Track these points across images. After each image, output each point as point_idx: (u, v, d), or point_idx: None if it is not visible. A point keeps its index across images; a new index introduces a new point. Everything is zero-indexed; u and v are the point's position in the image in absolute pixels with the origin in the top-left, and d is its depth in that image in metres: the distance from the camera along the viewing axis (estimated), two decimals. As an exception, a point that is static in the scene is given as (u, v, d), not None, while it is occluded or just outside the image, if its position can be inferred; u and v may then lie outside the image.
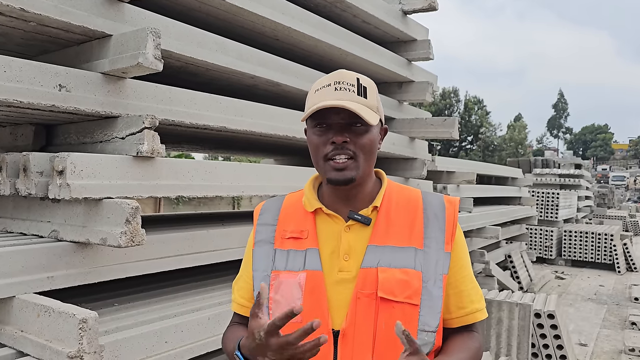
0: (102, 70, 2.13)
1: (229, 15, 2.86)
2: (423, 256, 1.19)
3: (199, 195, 2.34)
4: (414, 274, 1.17)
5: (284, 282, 1.19)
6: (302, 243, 1.23)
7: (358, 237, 1.21)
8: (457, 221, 1.27)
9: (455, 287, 1.24)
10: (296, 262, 1.21)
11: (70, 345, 1.62)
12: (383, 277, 1.16)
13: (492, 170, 9.19)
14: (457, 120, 4.33)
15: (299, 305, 1.02)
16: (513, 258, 8.89)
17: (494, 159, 45.49)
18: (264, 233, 1.29)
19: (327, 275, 1.19)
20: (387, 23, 4.04)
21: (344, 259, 1.19)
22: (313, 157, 1.23)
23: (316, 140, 1.20)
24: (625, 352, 5.55)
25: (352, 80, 1.21)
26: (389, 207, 1.25)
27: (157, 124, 2.10)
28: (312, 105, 1.19)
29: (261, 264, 1.25)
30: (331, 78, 1.22)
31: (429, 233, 1.22)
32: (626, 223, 17.88)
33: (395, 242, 1.20)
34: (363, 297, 1.15)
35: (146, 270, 2.25)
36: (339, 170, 1.18)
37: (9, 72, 1.83)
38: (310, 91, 1.25)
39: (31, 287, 1.85)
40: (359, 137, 1.19)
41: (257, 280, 1.25)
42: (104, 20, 2.14)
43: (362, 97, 1.19)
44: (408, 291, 1.15)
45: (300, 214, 1.28)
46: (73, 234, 2.01)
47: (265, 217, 1.32)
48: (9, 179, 2.09)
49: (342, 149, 1.17)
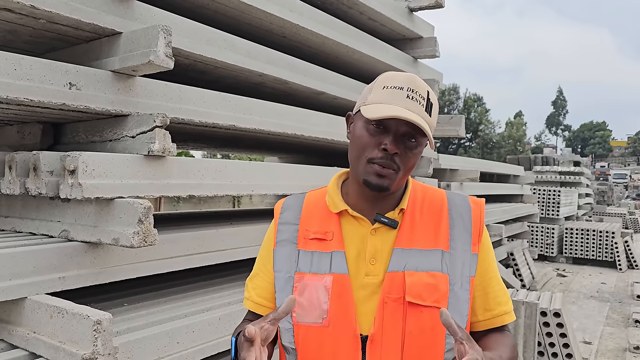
0: (112, 69, 2.10)
1: (237, 13, 2.84)
2: (449, 258, 1.17)
3: (209, 195, 2.32)
4: (441, 277, 1.15)
5: (309, 285, 1.17)
6: (327, 245, 1.19)
7: (384, 240, 1.19)
8: (483, 222, 1.24)
9: (482, 289, 1.22)
10: (322, 264, 1.18)
11: (85, 347, 1.60)
12: (410, 281, 1.13)
13: (495, 167, 9.17)
14: (464, 118, 4.31)
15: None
16: (515, 256, 8.88)
17: (492, 156, 45.50)
18: (286, 232, 1.25)
19: (354, 278, 1.16)
20: (394, 20, 4.01)
21: (371, 263, 1.17)
22: (355, 153, 1.17)
23: (367, 139, 1.15)
24: (630, 350, 5.54)
25: (424, 92, 1.16)
26: (414, 209, 1.23)
27: (168, 123, 2.08)
28: (379, 102, 1.14)
29: (284, 264, 1.22)
30: (405, 81, 1.16)
31: (454, 235, 1.20)
32: (626, 220, 17.91)
33: (421, 245, 1.18)
34: (390, 301, 1.13)
35: (156, 270, 2.23)
36: (380, 177, 1.14)
37: (19, 70, 1.81)
38: (376, 84, 1.19)
39: (43, 288, 1.83)
40: (408, 152, 1.15)
41: (280, 282, 1.21)
42: (114, 18, 2.12)
43: (428, 115, 1.15)
44: (436, 295, 1.13)
45: (324, 214, 1.24)
46: (84, 233, 1.99)
47: (286, 215, 1.27)
48: (18, 179, 2.07)
49: (390, 159, 1.13)
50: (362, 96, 1.22)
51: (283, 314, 1.02)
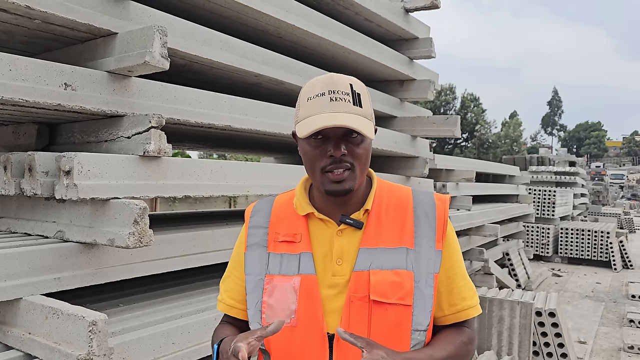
0: (108, 69, 2.10)
1: (233, 13, 2.84)
2: (414, 256, 1.20)
3: (205, 195, 2.32)
4: (405, 274, 1.17)
5: (278, 286, 1.19)
6: (296, 247, 1.22)
7: (350, 241, 1.21)
8: (447, 219, 1.26)
9: (447, 285, 1.24)
10: (290, 266, 1.20)
11: (80, 348, 1.60)
12: (375, 279, 1.16)
13: (491, 168, 9.20)
14: (459, 119, 4.32)
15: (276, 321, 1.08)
16: (511, 256, 8.90)
17: (488, 156, 45.55)
18: (256, 236, 1.27)
19: (321, 279, 1.19)
20: (390, 21, 4.02)
21: (337, 263, 1.19)
22: (308, 168, 1.21)
23: (312, 152, 1.17)
24: (624, 350, 5.57)
25: (346, 87, 1.17)
26: (379, 209, 1.25)
27: (163, 123, 2.08)
28: (308, 115, 1.15)
29: (255, 267, 1.24)
30: (324, 86, 1.17)
31: (419, 232, 1.22)
32: (621, 220, 17.96)
33: (386, 244, 1.20)
34: (356, 300, 1.16)
35: (152, 271, 2.23)
36: (337, 183, 1.16)
37: (14, 71, 1.81)
38: (301, 98, 1.20)
39: (38, 289, 1.83)
40: (355, 148, 1.16)
41: (250, 284, 1.24)
42: (110, 18, 2.12)
43: (357, 107, 1.16)
44: (400, 292, 1.16)
45: (292, 217, 1.26)
46: (79, 234, 1.99)
47: (256, 219, 1.30)
48: (13, 179, 2.06)
49: (340, 162, 1.15)
50: (295, 113, 1.23)
51: (271, 334, 1.07)
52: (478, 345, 4.45)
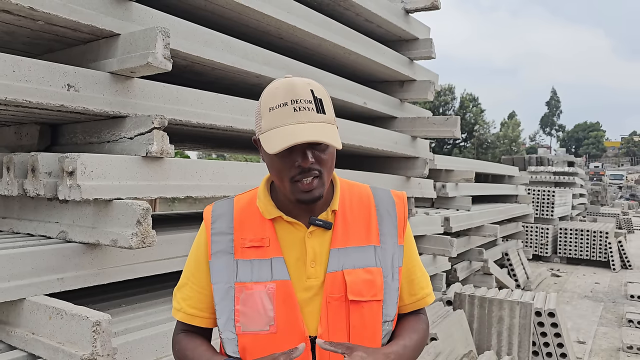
0: (110, 70, 2.11)
1: (234, 14, 2.84)
2: (381, 252, 1.25)
3: (207, 196, 2.33)
4: (376, 271, 1.22)
5: (251, 294, 1.17)
6: (265, 251, 1.20)
7: (321, 242, 1.22)
8: (407, 215, 1.32)
9: (407, 277, 1.30)
10: (262, 272, 1.19)
11: (84, 348, 1.61)
12: (350, 279, 1.19)
13: (490, 168, 9.21)
14: (459, 120, 4.33)
15: (300, 347, 1.12)
16: (510, 256, 8.91)
17: (487, 156, 45.60)
18: (221, 243, 1.23)
19: (296, 283, 1.19)
20: (390, 22, 4.03)
21: (311, 266, 1.20)
22: (276, 177, 1.19)
23: (279, 163, 1.15)
24: (623, 350, 5.58)
25: (308, 95, 1.15)
26: (344, 208, 1.26)
27: (166, 124, 2.09)
28: (272, 127, 1.13)
29: (222, 275, 1.21)
30: (285, 95, 1.14)
31: (383, 229, 1.27)
32: (619, 220, 17.98)
33: (355, 243, 1.23)
34: (333, 301, 1.18)
35: (155, 271, 2.24)
36: (308, 192, 1.15)
37: (18, 72, 1.82)
38: (262, 106, 1.18)
39: (41, 289, 1.83)
40: (321, 155, 1.16)
41: (219, 293, 1.20)
42: (112, 19, 2.13)
43: (321, 114, 1.15)
44: (373, 289, 1.21)
45: (257, 221, 1.24)
46: (82, 235, 1.99)
47: (219, 225, 1.25)
48: (16, 180, 2.07)
49: (308, 171, 1.14)
50: (256, 121, 1.21)
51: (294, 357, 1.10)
52: (478, 345, 4.46)
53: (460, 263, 6.91)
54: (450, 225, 5.55)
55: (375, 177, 3.88)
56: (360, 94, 3.83)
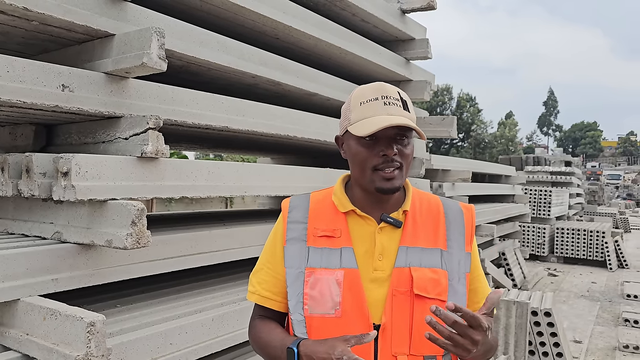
0: (105, 70, 2.11)
1: (230, 14, 2.84)
2: (447, 257, 1.31)
3: (202, 196, 2.33)
4: (441, 272, 1.28)
5: (320, 279, 1.26)
6: (336, 242, 1.29)
7: (390, 239, 1.30)
8: (474, 226, 1.40)
9: (472, 284, 1.36)
10: (332, 259, 1.27)
11: (78, 349, 1.61)
12: (417, 275, 1.25)
13: (487, 168, 9.22)
14: (455, 120, 4.34)
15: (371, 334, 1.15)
16: (507, 255, 8.93)
17: (484, 156, 45.64)
18: (295, 231, 1.33)
19: (363, 273, 1.26)
20: (386, 22, 4.03)
21: (379, 259, 1.27)
22: (358, 167, 1.28)
23: (365, 152, 1.26)
24: (619, 349, 5.60)
25: (395, 94, 1.27)
26: (415, 211, 1.35)
27: (161, 125, 2.08)
28: (363, 118, 1.24)
29: (294, 261, 1.30)
30: (376, 91, 1.26)
31: (450, 236, 1.34)
32: (616, 220, 18.03)
33: (423, 244, 1.30)
34: (399, 294, 1.25)
35: (150, 272, 2.23)
36: (389, 180, 1.25)
37: (12, 72, 1.81)
38: (352, 102, 1.29)
39: (35, 290, 1.83)
40: (404, 149, 1.26)
41: (291, 277, 1.30)
42: (107, 20, 2.12)
43: (407, 112, 1.26)
44: (438, 288, 1.26)
45: (331, 213, 1.33)
46: (77, 235, 1.99)
47: (295, 214, 1.36)
48: (11, 180, 2.07)
49: (392, 161, 1.24)
50: (344, 117, 1.33)
51: (362, 343, 1.15)
52: (474, 345, 4.46)
53: (457, 263, 6.90)
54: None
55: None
56: (356, 94, 3.82)
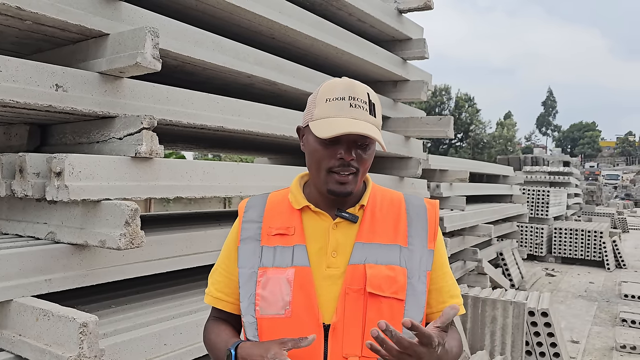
0: (99, 70, 2.10)
1: (225, 14, 2.83)
2: (407, 254, 1.25)
3: (197, 196, 2.32)
4: (399, 270, 1.23)
5: (271, 279, 1.22)
6: (289, 239, 1.25)
7: (345, 235, 1.25)
8: (438, 222, 1.33)
9: (436, 283, 1.30)
10: (284, 258, 1.23)
11: (71, 350, 1.60)
12: (371, 273, 1.20)
13: (484, 168, 9.23)
14: (452, 120, 4.33)
15: (310, 337, 1.11)
16: (504, 255, 8.93)
17: (483, 156, 45.64)
18: (250, 230, 1.30)
19: (315, 270, 1.22)
20: (383, 22, 4.03)
21: (332, 256, 1.23)
22: (314, 166, 1.24)
23: (322, 152, 1.21)
24: (617, 349, 5.60)
25: (364, 96, 1.22)
26: (374, 206, 1.30)
27: (155, 125, 2.08)
28: (325, 116, 1.19)
29: (247, 260, 1.27)
30: (345, 90, 1.21)
31: (412, 232, 1.28)
32: (614, 220, 18.04)
33: (381, 240, 1.25)
34: (352, 292, 1.20)
35: (144, 272, 2.23)
36: (342, 184, 1.21)
37: (5, 72, 1.80)
38: (318, 96, 1.24)
39: (28, 290, 1.82)
40: (363, 154, 1.22)
41: (243, 277, 1.26)
42: (101, 19, 2.12)
43: (372, 116, 1.21)
44: (394, 287, 1.21)
45: (286, 211, 1.30)
46: (70, 235, 1.98)
47: (250, 214, 1.32)
48: (4, 180, 2.06)
49: (348, 166, 1.20)
50: (308, 109, 1.27)
51: (301, 347, 1.11)
52: (471, 345, 4.46)
53: (454, 263, 6.92)
54: (444, 225, 5.56)
55: (369, 177, 3.87)
56: (353, 94, 3.81)
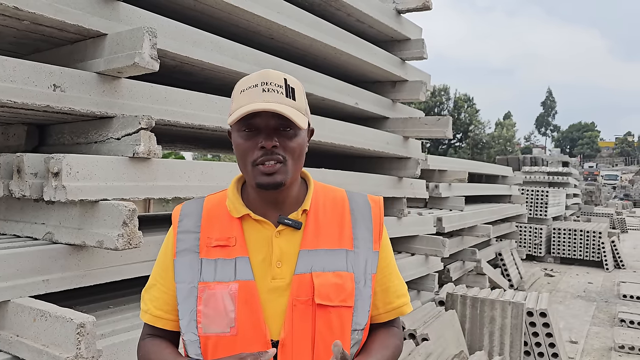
0: (97, 70, 2.10)
1: (224, 14, 2.83)
2: (354, 257, 1.20)
3: (195, 196, 2.32)
4: (347, 276, 1.17)
5: (214, 294, 1.13)
6: (230, 251, 1.16)
7: (289, 242, 1.18)
8: (383, 220, 1.28)
9: (382, 284, 1.25)
10: (226, 272, 1.15)
11: (68, 350, 1.60)
12: (318, 282, 1.14)
13: (483, 168, 9.23)
14: (451, 120, 4.33)
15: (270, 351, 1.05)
16: (503, 256, 8.93)
17: (482, 156, 45.65)
18: (186, 242, 1.20)
19: (260, 283, 1.14)
20: (381, 22, 4.03)
21: (277, 266, 1.15)
22: (240, 162, 1.17)
23: (243, 144, 1.14)
24: (615, 349, 5.60)
25: (280, 80, 1.15)
26: (317, 210, 1.23)
27: (153, 125, 2.08)
28: (239, 107, 1.13)
29: (186, 275, 1.17)
30: (258, 78, 1.15)
31: (357, 234, 1.22)
32: (613, 220, 18.04)
33: (326, 245, 1.19)
34: (299, 304, 1.13)
35: (142, 273, 2.23)
36: (269, 175, 1.12)
37: (2, 72, 1.80)
38: (234, 91, 1.19)
39: (26, 291, 1.82)
40: (288, 141, 1.14)
41: (182, 292, 1.17)
42: (99, 19, 2.11)
43: (291, 99, 1.15)
44: (343, 294, 1.15)
45: (225, 220, 1.20)
46: (68, 236, 1.98)
47: (185, 223, 1.22)
48: (2, 180, 2.06)
49: (271, 154, 1.12)
50: (229, 109, 1.21)
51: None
52: (469, 346, 4.46)
53: (453, 263, 6.92)
54: (443, 226, 5.56)
55: (367, 177, 3.88)
56: (351, 94, 3.83)
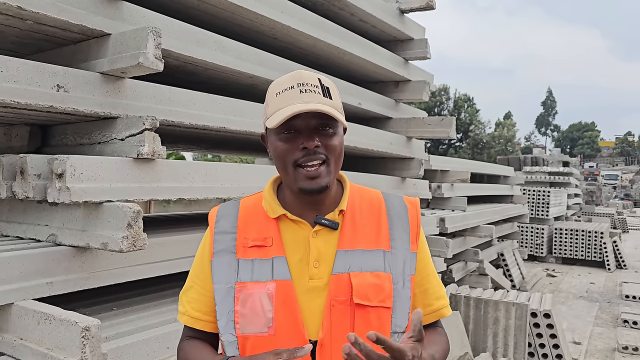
0: (101, 70, 2.08)
1: (227, 14, 2.82)
2: (391, 258, 1.18)
3: (199, 197, 2.30)
4: (385, 276, 1.16)
5: (251, 294, 1.13)
6: (267, 251, 1.16)
7: (326, 243, 1.16)
8: (420, 221, 1.26)
9: (421, 286, 1.23)
10: (263, 271, 1.14)
11: (73, 354, 1.58)
12: (356, 282, 1.13)
13: (485, 168, 9.21)
14: (454, 120, 4.31)
15: (307, 347, 1.02)
16: (505, 256, 8.90)
17: (482, 156, 45.61)
18: (223, 242, 1.20)
19: (297, 283, 1.13)
20: (385, 22, 4.01)
21: (314, 266, 1.14)
22: (280, 164, 1.15)
23: (283, 146, 1.12)
24: (619, 350, 5.58)
25: (315, 80, 1.14)
26: (353, 210, 1.22)
27: (157, 125, 2.06)
28: (278, 109, 1.12)
29: (223, 275, 1.17)
30: (292, 79, 1.14)
31: (394, 234, 1.21)
32: (614, 220, 18.03)
33: (363, 246, 1.17)
34: (337, 304, 1.12)
35: (146, 275, 2.21)
36: (312, 179, 1.11)
37: (6, 72, 1.78)
38: (269, 94, 1.17)
39: (30, 294, 1.80)
40: (329, 140, 1.13)
41: (220, 293, 1.16)
42: (103, 19, 2.10)
43: (328, 99, 1.13)
44: (381, 295, 1.14)
45: (262, 220, 1.20)
46: (72, 238, 1.96)
47: (222, 224, 1.22)
48: (5, 182, 2.04)
49: (313, 154, 1.11)
50: (264, 113, 1.20)
51: (298, 357, 1.02)
52: (474, 347, 4.44)
53: (455, 264, 6.90)
54: (445, 226, 5.54)
55: (370, 177, 3.86)
56: (355, 94, 3.81)
